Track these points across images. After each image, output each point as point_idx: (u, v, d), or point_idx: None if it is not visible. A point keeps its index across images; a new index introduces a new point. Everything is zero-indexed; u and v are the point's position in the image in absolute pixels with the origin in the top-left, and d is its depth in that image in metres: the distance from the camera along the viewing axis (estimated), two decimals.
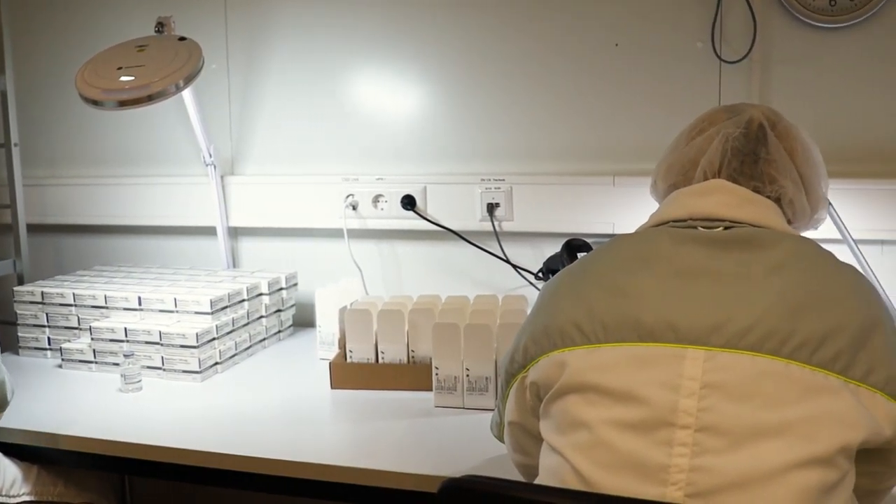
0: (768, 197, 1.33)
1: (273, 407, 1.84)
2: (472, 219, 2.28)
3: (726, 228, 1.24)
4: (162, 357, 1.99)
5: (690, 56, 2.14)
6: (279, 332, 2.32)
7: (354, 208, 2.35)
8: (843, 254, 1.93)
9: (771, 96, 2.11)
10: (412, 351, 1.91)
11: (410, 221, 2.32)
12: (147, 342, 2.00)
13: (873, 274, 1.96)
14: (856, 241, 1.96)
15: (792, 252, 1.19)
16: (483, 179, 2.26)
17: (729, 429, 1.04)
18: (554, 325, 1.19)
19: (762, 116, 1.39)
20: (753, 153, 1.35)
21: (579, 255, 1.96)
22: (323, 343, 2.13)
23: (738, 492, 1.01)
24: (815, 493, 1.02)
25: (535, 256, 2.25)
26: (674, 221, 1.29)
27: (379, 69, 2.35)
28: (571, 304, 1.19)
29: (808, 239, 1.25)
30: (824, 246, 1.27)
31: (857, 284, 1.19)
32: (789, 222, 1.37)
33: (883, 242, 2.10)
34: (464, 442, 1.63)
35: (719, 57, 2.11)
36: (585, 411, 1.11)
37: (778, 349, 1.07)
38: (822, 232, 1.95)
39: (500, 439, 1.40)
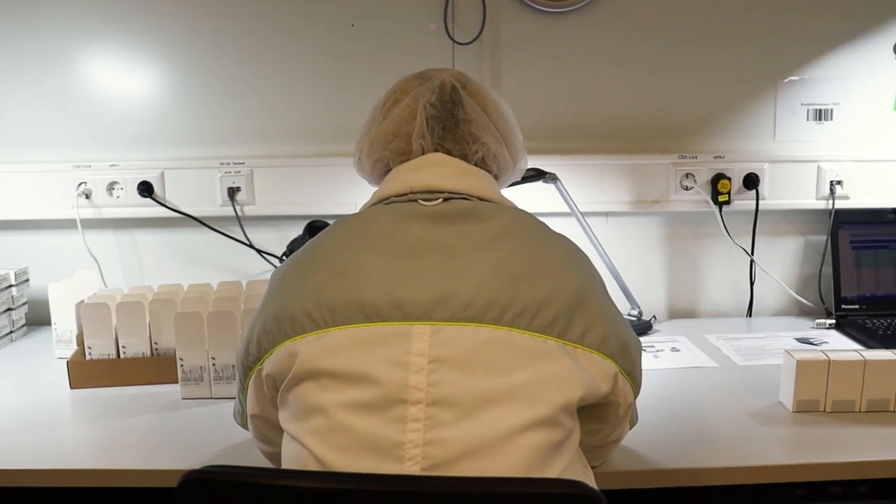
0: (475, 156, 1.36)
1: (8, 413, 1.72)
2: (212, 204, 2.23)
3: (446, 200, 1.28)
4: None
5: (425, 37, 2.19)
6: (11, 332, 2.18)
7: (88, 197, 2.24)
8: (571, 226, 2.07)
9: (502, 77, 2.20)
10: (155, 343, 1.86)
11: (148, 209, 2.24)
12: None
13: (599, 243, 2.09)
14: (583, 214, 2.09)
15: (509, 224, 1.25)
16: (222, 163, 2.22)
17: (458, 400, 1.08)
18: (284, 314, 1.19)
19: (452, 78, 1.41)
20: (452, 116, 1.36)
21: None
22: (60, 341, 2.03)
23: (472, 459, 1.06)
24: (543, 452, 1.09)
25: (279, 240, 2.24)
26: (395, 196, 1.31)
27: (111, 50, 2.23)
28: (299, 291, 1.20)
29: (524, 211, 1.31)
30: (555, 219, 1.35)
31: (571, 253, 1.27)
32: (496, 178, 1.41)
33: (608, 214, 2.26)
34: (213, 432, 1.60)
35: (452, 39, 2.18)
36: (320, 397, 1.12)
37: (499, 318, 1.12)
38: (551, 205, 2.08)
39: (244, 427, 1.39)
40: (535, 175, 2.00)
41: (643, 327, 2.16)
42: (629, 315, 2.18)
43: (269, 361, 1.20)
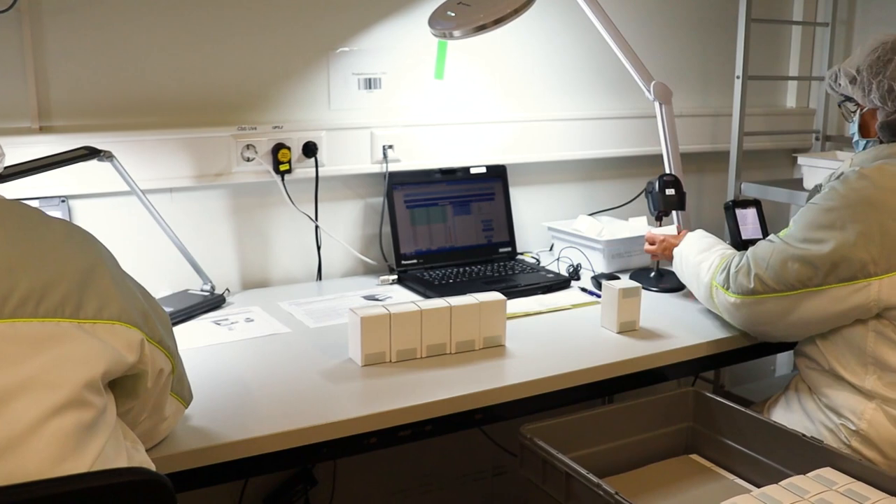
0: None
1: None
2: None
3: None
4: None
5: None
6: None
7: None
8: (132, 204, 2.00)
9: (47, 49, 2.04)
10: None
11: None
12: None
13: (164, 221, 2.04)
14: (144, 191, 2.02)
15: None
16: None
17: None
18: None
19: None
20: None
21: None
22: None
23: None
24: (76, 435, 1.06)
25: None
26: None
27: None
28: None
29: (9, 199, 1.24)
30: (114, 199, 1.28)
31: (69, 233, 1.23)
32: None
33: (171, 190, 2.21)
34: None
35: None
36: None
37: None
38: (108, 184, 2.00)
39: None
40: (89, 154, 1.89)
41: (216, 301, 2.16)
42: (202, 290, 2.17)
43: None
